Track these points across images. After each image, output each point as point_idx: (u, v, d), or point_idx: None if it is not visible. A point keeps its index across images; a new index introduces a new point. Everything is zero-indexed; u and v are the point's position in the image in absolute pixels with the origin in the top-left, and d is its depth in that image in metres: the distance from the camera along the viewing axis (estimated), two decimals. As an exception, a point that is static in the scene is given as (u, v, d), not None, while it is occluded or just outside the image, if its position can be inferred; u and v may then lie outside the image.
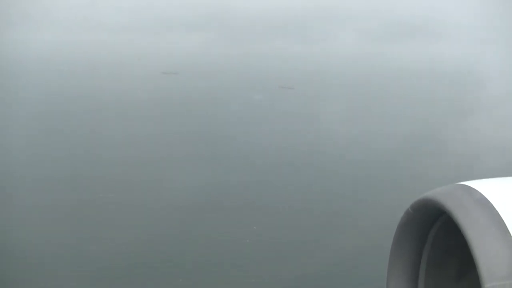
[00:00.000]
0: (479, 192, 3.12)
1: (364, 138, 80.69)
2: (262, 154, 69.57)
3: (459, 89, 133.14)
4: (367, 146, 75.78)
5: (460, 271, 3.51)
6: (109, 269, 37.46)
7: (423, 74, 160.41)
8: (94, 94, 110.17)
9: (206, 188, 55.16)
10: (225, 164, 64.55)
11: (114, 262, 38.32)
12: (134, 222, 45.90)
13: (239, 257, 40.39)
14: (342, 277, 37.57)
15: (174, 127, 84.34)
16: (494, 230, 2.90)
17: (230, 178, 58.90)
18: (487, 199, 3.06)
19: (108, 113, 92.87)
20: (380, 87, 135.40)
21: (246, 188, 56.00)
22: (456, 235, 3.05)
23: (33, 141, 71.88)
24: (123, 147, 70.90)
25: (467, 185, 3.24)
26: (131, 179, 57.40)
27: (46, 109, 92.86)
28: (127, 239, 41.94)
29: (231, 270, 38.28)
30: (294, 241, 43.39)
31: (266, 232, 45.15)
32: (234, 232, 44.50)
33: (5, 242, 40.87)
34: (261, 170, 62.54)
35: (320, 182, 58.96)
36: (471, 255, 2.86)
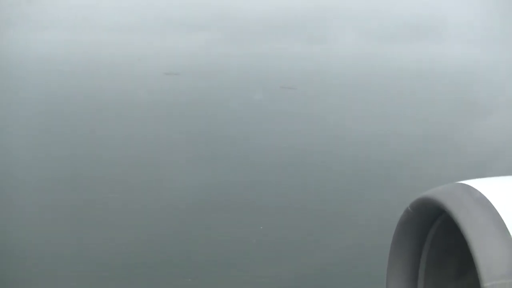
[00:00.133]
0: (479, 191, 3.12)
1: (365, 138, 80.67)
2: (263, 154, 69.57)
3: (459, 89, 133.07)
4: (368, 146, 75.80)
5: (459, 270, 3.51)
6: (109, 269, 37.46)
7: (424, 74, 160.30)
8: (95, 95, 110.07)
9: (208, 188, 55.16)
10: (227, 164, 64.55)
11: (114, 262, 38.32)
12: (135, 222, 45.91)
13: (239, 257, 40.40)
14: (341, 276, 37.57)
15: (175, 128, 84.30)
16: (494, 230, 2.90)
17: (232, 178, 58.91)
18: (487, 199, 3.06)
19: (109, 113, 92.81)
20: (382, 87, 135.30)
21: (247, 188, 56.02)
22: (455, 234, 3.05)
23: (33, 141, 71.87)
24: (124, 148, 70.88)
25: (467, 184, 3.24)
26: (133, 180, 57.39)
27: (47, 109, 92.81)
28: (128, 239, 41.95)
29: (231, 270, 38.28)
30: (294, 240, 43.41)
31: (267, 232, 45.16)
32: (234, 232, 44.51)
33: (5, 242, 40.88)
34: (262, 170, 62.54)
35: (320, 182, 58.97)
36: (471, 254, 2.86)
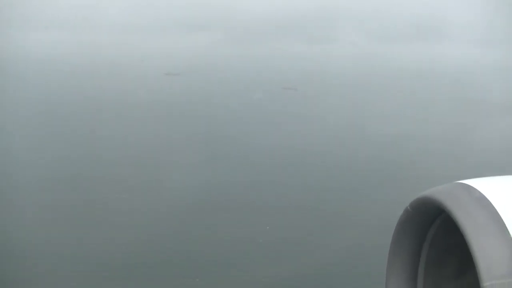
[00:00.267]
0: (478, 191, 3.12)
1: (365, 138, 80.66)
2: (264, 155, 69.53)
3: (459, 89, 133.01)
4: (368, 146, 75.79)
5: (459, 270, 3.51)
6: (109, 269, 37.46)
7: (426, 74, 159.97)
8: (95, 95, 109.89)
9: (210, 188, 55.19)
10: (228, 164, 64.55)
11: (114, 262, 38.32)
12: (136, 222, 45.92)
13: (239, 257, 40.40)
14: (341, 276, 37.57)
15: (176, 128, 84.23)
16: (493, 229, 2.90)
17: (233, 178, 58.94)
18: (486, 198, 3.06)
19: (109, 114, 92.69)
20: (383, 88, 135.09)
21: (248, 188, 56.03)
22: (455, 234, 3.05)
23: (34, 141, 71.87)
24: (125, 148, 70.84)
25: (466, 183, 3.24)
26: (134, 180, 57.38)
27: (46, 109, 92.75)
28: (128, 239, 41.96)
29: (231, 270, 38.28)
30: (294, 240, 43.41)
31: (267, 231, 45.16)
32: (234, 232, 44.51)
33: (5, 242, 40.88)
34: (263, 171, 62.55)
35: (321, 182, 59.00)
36: (470, 254, 2.86)
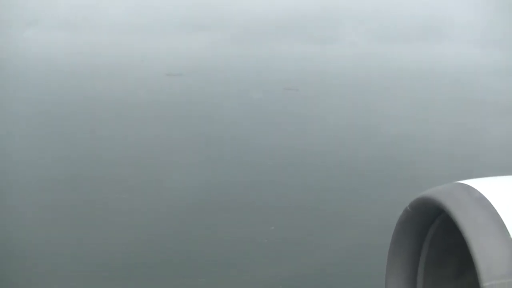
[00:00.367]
0: (478, 191, 3.12)
1: (366, 138, 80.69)
2: (265, 155, 69.56)
3: (459, 89, 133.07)
4: (369, 146, 75.81)
5: (459, 270, 3.51)
6: (109, 269, 37.48)
7: (427, 75, 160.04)
8: (96, 95, 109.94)
9: (212, 188, 55.26)
10: (229, 165, 64.60)
11: (114, 262, 38.34)
12: (137, 222, 45.94)
13: (240, 257, 40.41)
14: (341, 276, 37.58)
15: (177, 129, 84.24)
16: (493, 229, 2.90)
17: (235, 179, 59.01)
18: (486, 198, 3.06)
19: (110, 114, 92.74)
20: (385, 88, 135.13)
21: (248, 188, 56.08)
22: (455, 234, 3.05)
23: (35, 141, 71.89)
24: (126, 148, 70.85)
25: (466, 184, 3.24)
26: (135, 180, 57.43)
27: (48, 110, 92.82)
28: (129, 239, 41.99)
29: (231, 270, 38.29)
30: (294, 240, 43.42)
31: (267, 231, 45.17)
32: (234, 232, 44.52)
33: (5, 242, 40.90)
34: (264, 171, 62.59)
35: (322, 182, 59.04)
36: (470, 254, 2.86)
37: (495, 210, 3.02)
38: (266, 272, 38.75)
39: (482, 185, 3.23)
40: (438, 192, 3.30)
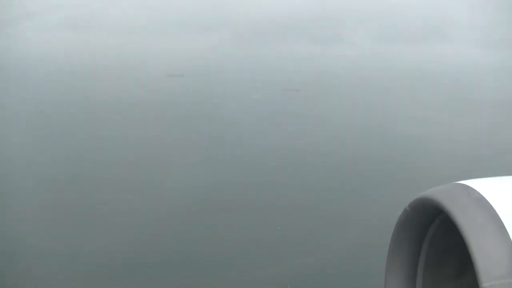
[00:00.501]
0: (477, 191, 3.14)
1: (366, 138, 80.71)
2: (266, 155, 69.63)
3: (460, 89, 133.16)
4: (369, 146, 75.91)
5: (458, 270, 3.53)
6: (109, 269, 37.56)
7: (428, 75, 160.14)
8: (97, 96, 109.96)
9: (212, 189, 55.31)
10: (230, 165, 64.63)
11: (114, 262, 38.40)
12: (137, 222, 46.04)
13: (240, 257, 40.47)
14: (341, 275, 37.61)
15: (179, 130, 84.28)
16: (492, 229, 2.92)
17: (236, 179, 59.04)
18: (485, 199, 3.07)
19: (111, 115, 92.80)
20: (386, 88, 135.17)
21: (250, 189, 56.13)
22: (454, 234, 3.07)
23: (35, 142, 71.99)
24: (127, 149, 70.83)
25: (466, 184, 3.26)
26: (136, 181, 57.40)
27: (49, 111, 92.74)
28: (132, 239, 42.08)
29: (231, 270, 38.35)
30: (294, 240, 43.52)
31: (267, 231, 45.29)
32: (234, 232, 44.59)
33: (5, 242, 41.01)
34: (266, 171, 62.66)
35: (322, 182, 59.14)
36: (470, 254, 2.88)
37: (495, 211, 3.04)
38: (266, 272, 38.76)
39: (481, 185, 3.25)
40: (437, 192, 3.32)
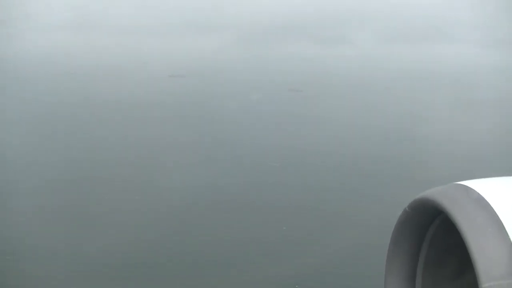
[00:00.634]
0: (477, 192, 3.12)
1: (366, 138, 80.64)
2: (267, 156, 69.53)
3: (459, 89, 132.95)
4: (370, 146, 75.79)
5: (458, 270, 3.51)
6: (109, 269, 37.50)
7: (428, 75, 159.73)
8: (99, 97, 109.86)
9: (213, 189, 55.31)
10: (233, 166, 64.64)
11: (114, 262, 38.36)
12: (137, 222, 45.96)
13: (240, 257, 40.43)
14: (341, 275, 37.59)
15: (181, 130, 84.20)
16: (492, 230, 2.90)
17: (237, 179, 59.12)
18: (485, 199, 3.06)
19: (113, 115, 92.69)
20: (386, 88, 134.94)
21: (251, 189, 56.12)
22: (454, 234, 3.05)
23: (35, 142, 71.91)
24: (128, 149, 70.87)
25: (465, 184, 3.24)
26: (137, 181, 57.48)
27: (49, 111, 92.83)
28: (133, 239, 42.03)
29: (231, 270, 38.31)
30: (293, 240, 43.43)
31: (267, 231, 45.20)
32: (234, 232, 44.55)
33: (5, 242, 40.91)
34: (267, 172, 62.61)
35: (323, 182, 59.07)
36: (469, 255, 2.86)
37: (494, 211, 3.03)
38: (266, 272, 38.77)
39: (480, 186, 3.23)
40: (437, 193, 3.30)
